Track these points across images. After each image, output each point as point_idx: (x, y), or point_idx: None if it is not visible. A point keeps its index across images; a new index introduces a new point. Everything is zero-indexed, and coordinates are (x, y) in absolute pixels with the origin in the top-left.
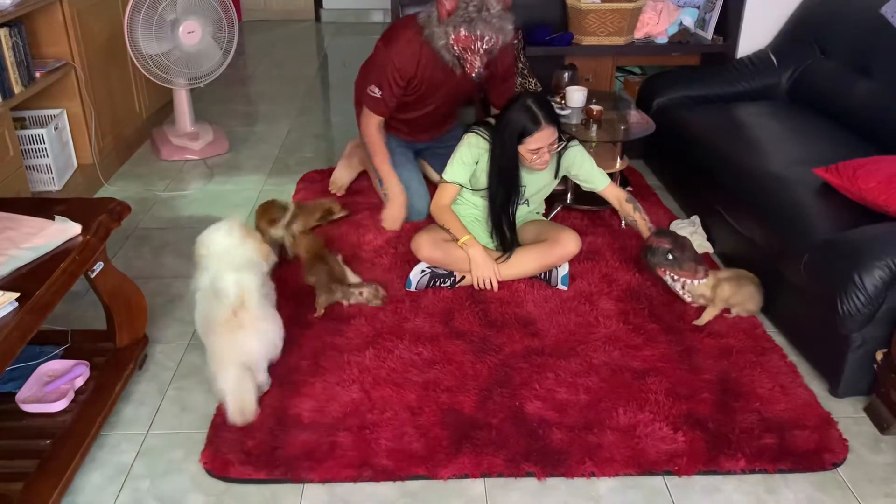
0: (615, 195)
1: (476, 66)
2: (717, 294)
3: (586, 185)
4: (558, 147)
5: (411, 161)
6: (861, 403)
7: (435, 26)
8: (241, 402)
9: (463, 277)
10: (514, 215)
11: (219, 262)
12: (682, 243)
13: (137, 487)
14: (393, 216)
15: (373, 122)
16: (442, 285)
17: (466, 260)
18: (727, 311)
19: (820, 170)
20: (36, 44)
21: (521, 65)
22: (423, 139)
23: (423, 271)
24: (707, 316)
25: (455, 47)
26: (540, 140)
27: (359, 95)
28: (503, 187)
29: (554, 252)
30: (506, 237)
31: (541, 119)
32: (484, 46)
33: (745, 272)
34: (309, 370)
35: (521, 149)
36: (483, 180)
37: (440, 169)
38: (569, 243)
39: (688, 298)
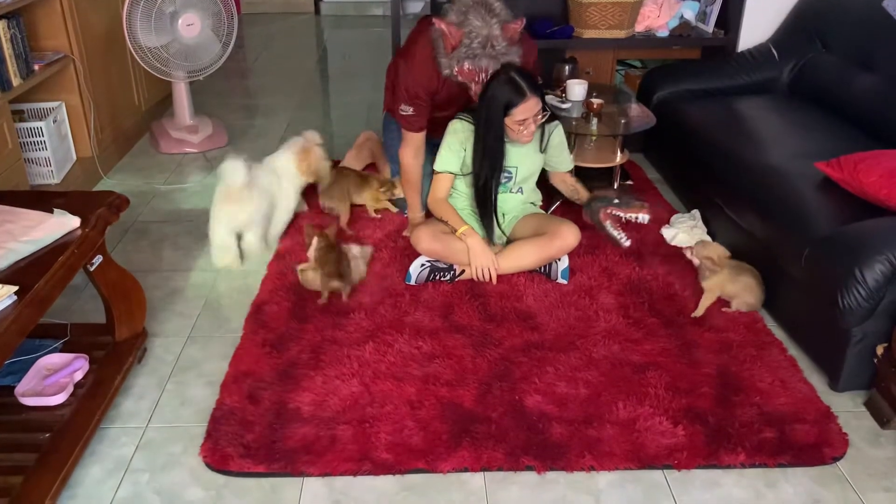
0: (570, 179)
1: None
2: (713, 277)
3: (552, 166)
4: (543, 117)
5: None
6: (861, 398)
7: (441, 56)
8: (221, 256)
9: (463, 271)
10: (496, 194)
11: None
12: (624, 191)
13: (137, 481)
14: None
15: (409, 149)
16: (442, 279)
17: (466, 252)
18: (727, 304)
19: (821, 164)
20: (34, 36)
21: None
22: (440, 135)
23: (422, 265)
24: (703, 304)
25: (459, 77)
26: (526, 111)
27: (388, 82)
28: (488, 162)
29: (553, 244)
30: (488, 216)
31: (525, 90)
32: (488, 78)
33: (746, 265)
34: (308, 364)
35: (508, 121)
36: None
37: None
38: (568, 236)
39: (626, 243)
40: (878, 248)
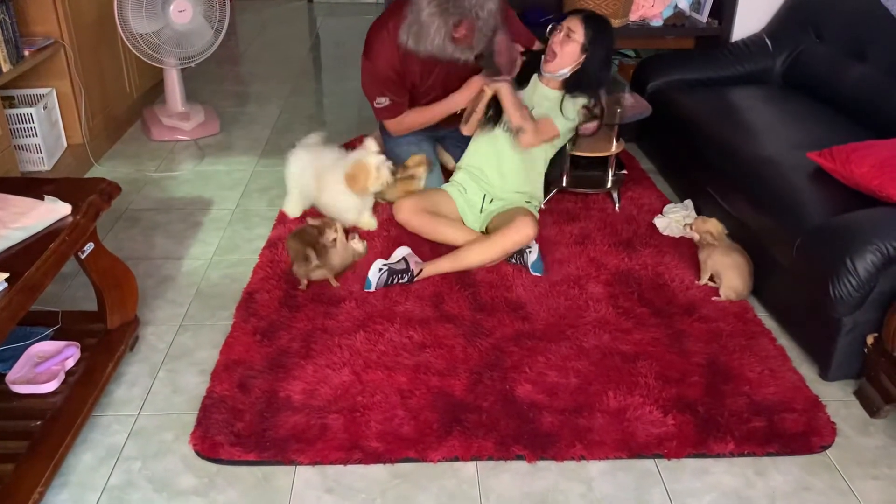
0: None
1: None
2: (708, 247)
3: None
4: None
5: (427, 151)
6: (851, 387)
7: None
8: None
9: (421, 271)
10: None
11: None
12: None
13: (129, 468)
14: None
15: (392, 124)
16: (400, 281)
17: (445, 234)
18: (716, 293)
19: (813, 154)
20: (24, 21)
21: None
22: (443, 125)
23: (380, 269)
24: (704, 275)
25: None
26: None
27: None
28: None
29: (507, 237)
30: None
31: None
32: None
33: (742, 249)
34: (299, 353)
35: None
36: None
37: (457, 157)
38: (522, 228)
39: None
40: (869, 238)
